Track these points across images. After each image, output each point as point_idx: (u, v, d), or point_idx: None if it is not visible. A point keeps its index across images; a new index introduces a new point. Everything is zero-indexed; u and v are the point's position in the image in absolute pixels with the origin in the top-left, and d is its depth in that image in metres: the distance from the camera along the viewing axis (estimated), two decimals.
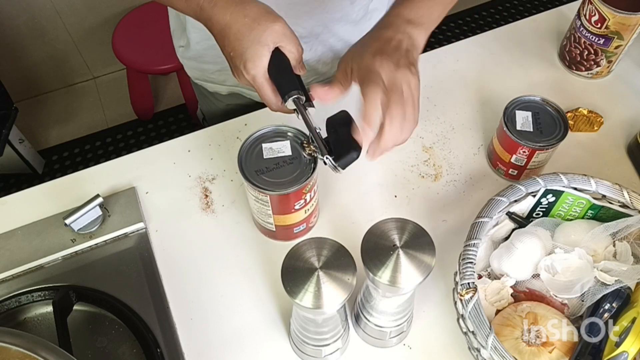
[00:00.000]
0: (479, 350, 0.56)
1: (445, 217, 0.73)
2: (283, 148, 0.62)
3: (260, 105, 0.91)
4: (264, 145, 0.62)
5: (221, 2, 0.58)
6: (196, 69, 0.92)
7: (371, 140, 0.56)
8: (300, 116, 0.58)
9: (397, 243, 0.51)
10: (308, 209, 0.66)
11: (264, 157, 0.61)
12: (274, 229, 0.68)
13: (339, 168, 0.57)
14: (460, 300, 0.56)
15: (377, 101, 0.54)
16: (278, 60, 0.58)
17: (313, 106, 0.59)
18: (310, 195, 0.64)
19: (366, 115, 0.54)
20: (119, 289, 0.66)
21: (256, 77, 0.58)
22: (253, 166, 0.61)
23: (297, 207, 0.63)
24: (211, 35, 0.82)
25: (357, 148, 0.56)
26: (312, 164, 0.61)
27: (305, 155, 0.61)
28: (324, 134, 0.60)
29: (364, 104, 0.55)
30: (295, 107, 0.58)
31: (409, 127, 0.56)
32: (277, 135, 0.63)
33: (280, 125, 0.64)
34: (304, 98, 0.58)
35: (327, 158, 0.57)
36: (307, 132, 0.60)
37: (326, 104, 0.59)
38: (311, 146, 0.61)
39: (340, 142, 0.57)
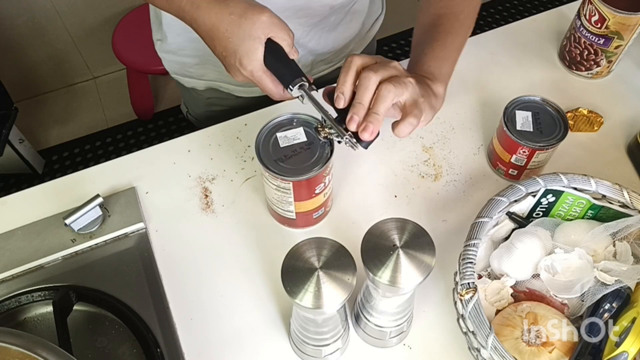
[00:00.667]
0: (479, 350, 0.56)
1: (445, 217, 0.73)
2: (297, 135, 0.62)
3: (241, 102, 0.90)
4: (278, 134, 0.63)
5: (203, 3, 0.57)
6: (174, 62, 0.91)
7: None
8: (309, 101, 0.59)
9: (397, 243, 0.51)
10: (326, 193, 0.67)
11: (280, 145, 0.62)
12: (294, 217, 0.68)
13: (360, 147, 0.58)
14: (460, 300, 0.56)
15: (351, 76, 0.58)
16: (272, 50, 0.58)
17: (316, 89, 0.60)
18: (329, 178, 0.65)
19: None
20: (119, 289, 0.66)
21: (254, 72, 0.58)
22: (271, 156, 0.61)
23: (317, 191, 0.64)
24: (190, 28, 0.82)
25: None
26: (329, 147, 0.61)
27: (321, 139, 0.62)
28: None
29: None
30: (300, 94, 0.59)
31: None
32: (289, 123, 0.64)
33: (291, 113, 0.64)
34: (307, 84, 0.59)
35: (346, 138, 0.57)
36: (317, 115, 0.61)
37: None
38: (325, 129, 0.61)
39: None
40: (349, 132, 0.58)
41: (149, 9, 0.90)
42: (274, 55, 0.58)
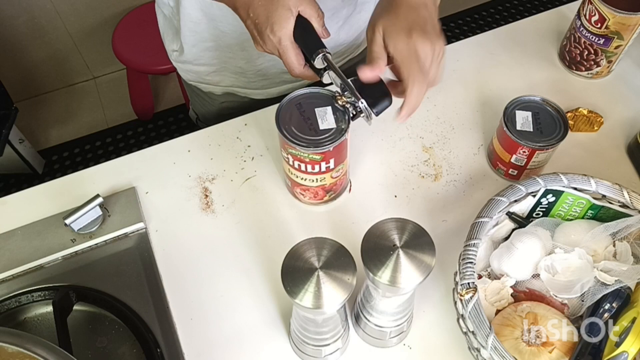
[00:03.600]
0: (479, 350, 0.56)
1: (445, 217, 0.73)
2: (331, 122, 0.63)
3: (255, 103, 0.91)
4: (327, 107, 0.64)
5: None
6: (191, 71, 0.92)
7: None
8: (331, 70, 0.61)
9: (397, 243, 0.51)
10: (289, 171, 0.67)
11: (315, 108, 0.64)
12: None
13: (373, 114, 0.59)
14: (460, 300, 0.56)
15: (423, 91, 0.58)
16: (302, 26, 0.60)
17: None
18: (293, 169, 0.65)
19: (411, 102, 0.58)
20: (119, 289, 0.66)
21: (282, 39, 0.59)
22: (297, 105, 0.65)
23: (284, 155, 0.66)
24: (207, 38, 0.82)
25: (388, 94, 0.60)
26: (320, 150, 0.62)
27: (338, 107, 0.63)
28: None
29: (409, 89, 0.58)
30: (323, 66, 0.61)
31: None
32: (337, 110, 0.64)
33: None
34: (330, 55, 0.61)
35: (361, 103, 0.59)
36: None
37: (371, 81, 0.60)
38: (343, 97, 0.62)
39: (371, 90, 0.60)
40: (366, 100, 0.59)
41: (158, 20, 0.90)
42: (303, 30, 0.60)
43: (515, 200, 0.64)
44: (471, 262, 0.57)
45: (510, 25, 0.97)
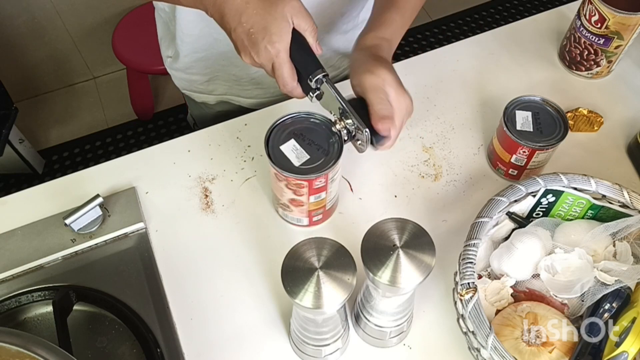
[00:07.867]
0: (479, 350, 0.56)
1: (445, 217, 0.73)
2: (294, 160, 0.62)
3: (249, 111, 0.91)
4: (313, 148, 0.63)
5: None
6: (184, 79, 0.91)
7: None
8: (332, 91, 0.59)
9: (397, 243, 0.51)
10: (280, 190, 0.66)
11: (311, 139, 0.63)
12: None
13: (370, 143, 0.59)
14: (460, 300, 0.56)
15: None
16: (298, 42, 0.58)
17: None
18: (284, 186, 0.64)
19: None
20: (119, 289, 0.66)
21: (281, 52, 0.57)
22: (307, 126, 0.64)
23: (279, 178, 0.65)
24: (200, 48, 0.82)
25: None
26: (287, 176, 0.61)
27: (336, 131, 0.62)
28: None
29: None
30: (316, 86, 0.59)
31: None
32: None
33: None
34: (328, 75, 0.59)
35: (365, 131, 0.58)
36: (328, 115, 0.63)
37: None
38: (343, 122, 0.60)
39: (366, 118, 0.60)
40: (366, 127, 0.58)
41: (157, 25, 0.90)
42: (298, 46, 0.58)
43: (515, 200, 0.64)
44: (471, 262, 0.57)
45: (510, 25, 0.97)
